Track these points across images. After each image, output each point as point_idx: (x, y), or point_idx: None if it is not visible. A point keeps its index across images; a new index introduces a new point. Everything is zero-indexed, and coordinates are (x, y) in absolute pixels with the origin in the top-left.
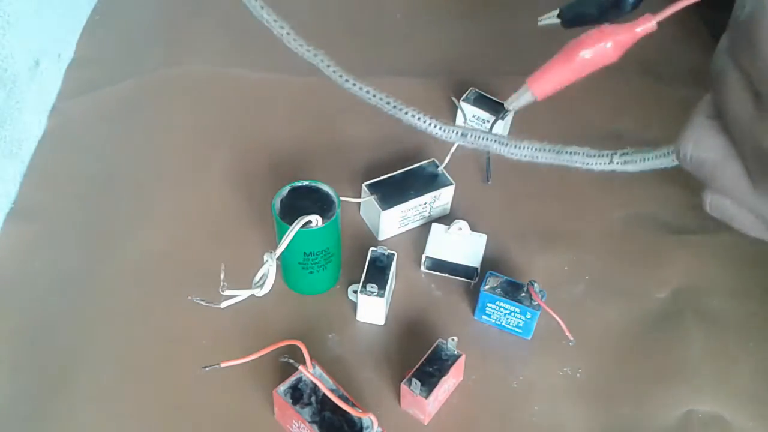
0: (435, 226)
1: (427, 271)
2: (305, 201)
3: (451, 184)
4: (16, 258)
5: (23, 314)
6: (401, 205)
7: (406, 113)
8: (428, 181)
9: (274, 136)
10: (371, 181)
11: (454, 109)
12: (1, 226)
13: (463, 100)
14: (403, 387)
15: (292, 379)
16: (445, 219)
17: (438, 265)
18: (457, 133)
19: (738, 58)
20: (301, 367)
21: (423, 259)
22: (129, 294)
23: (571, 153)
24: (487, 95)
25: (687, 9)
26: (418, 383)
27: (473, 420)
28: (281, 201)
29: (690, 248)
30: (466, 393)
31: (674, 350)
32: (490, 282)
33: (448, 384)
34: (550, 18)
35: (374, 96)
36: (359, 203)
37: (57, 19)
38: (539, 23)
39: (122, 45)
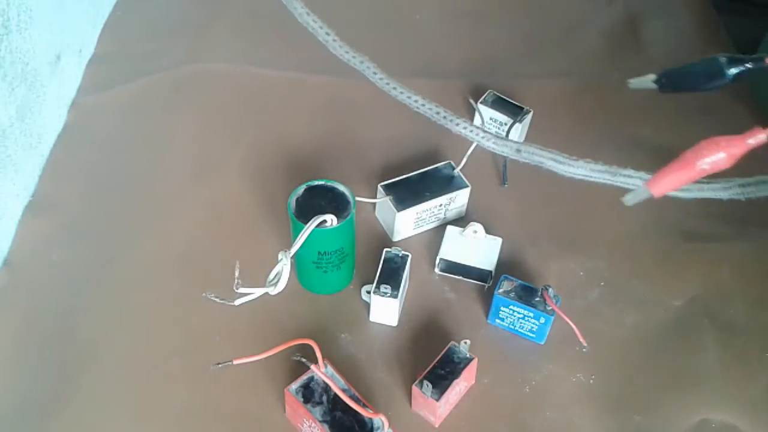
0: (450, 228)
1: (440, 273)
2: (321, 200)
3: (467, 186)
4: (34, 250)
5: (40, 306)
6: (417, 206)
7: (457, 124)
8: (444, 183)
9: (291, 135)
10: (387, 181)
11: (471, 112)
12: (20, 219)
13: (481, 103)
14: (415, 389)
15: (304, 377)
16: (461, 221)
17: (452, 267)
18: (511, 148)
19: None
20: (313, 367)
21: (437, 261)
22: (144, 289)
23: (626, 176)
24: (505, 98)
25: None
26: (430, 385)
27: (484, 424)
28: (297, 200)
29: (707, 256)
30: (478, 396)
31: (689, 358)
32: (504, 286)
33: (459, 387)
34: (645, 81)
35: (423, 105)
36: (374, 204)
37: (79, 14)
38: (630, 85)
39: (143, 42)
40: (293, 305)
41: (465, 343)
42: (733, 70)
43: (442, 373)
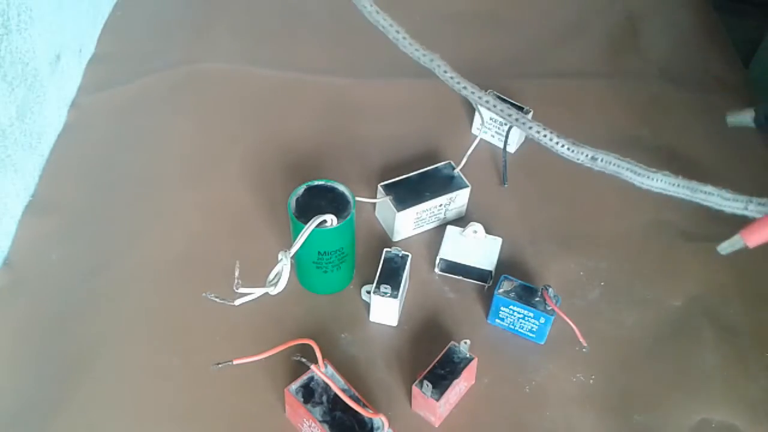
0: (450, 228)
1: (441, 273)
2: (321, 200)
3: (467, 186)
4: (33, 250)
5: (40, 307)
6: (416, 206)
7: (530, 128)
8: (444, 183)
9: (291, 134)
10: (387, 181)
11: (471, 112)
12: (20, 219)
13: None
14: (415, 389)
15: (304, 377)
16: (461, 221)
17: (452, 267)
18: (587, 155)
19: None
20: (312, 367)
21: (437, 261)
22: (144, 288)
23: (706, 193)
24: (505, 98)
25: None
26: (430, 385)
27: (484, 424)
28: (297, 200)
29: (707, 257)
30: (478, 396)
31: (689, 358)
32: (504, 286)
33: (459, 387)
34: (743, 117)
35: (494, 106)
36: (374, 204)
37: (79, 14)
38: (729, 121)
39: (142, 42)
40: (293, 305)
41: (465, 343)
42: None
43: (442, 373)
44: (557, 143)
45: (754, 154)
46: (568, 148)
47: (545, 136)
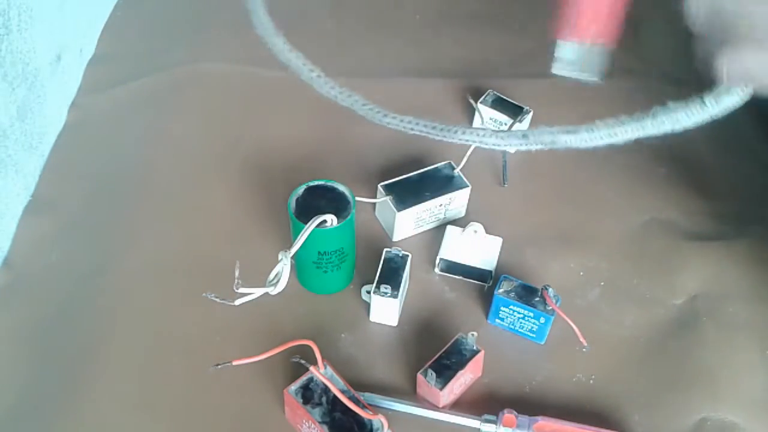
0: (450, 228)
1: (441, 273)
2: (321, 200)
3: (467, 186)
4: (33, 251)
5: (40, 307)
6: (416, 206)
7: (456, 132)
8: (444, 183)
9: (291, 134)
10: (387, 181)
11: (471, 111)
12: (20, 219)
13: (481, 102)
14: (420, 377)
15: (304, 378)
16: (461, 221)
17: (452, 267)
18: (517, 136)
19: None
20: (312, 368)
21: (437, 261)
22: (144, 289)
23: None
24: (505, 98)
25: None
26: (434, 374)
27: None
28: (297, 200)
29: (708, 255)
30: (478, 396)
31: (689, 358)
32: (504, 285)
33: (465, 378)
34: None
35: (417, 124)
36: (374, 204)
37: (79, 14)
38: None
39: (143, 42)
40: (293, 305)
41: (472, 335)
42: None
43: (448, 363)
44: (483, 136)
45: (754, 153)
46: (498, 137)
47: (472, 134)
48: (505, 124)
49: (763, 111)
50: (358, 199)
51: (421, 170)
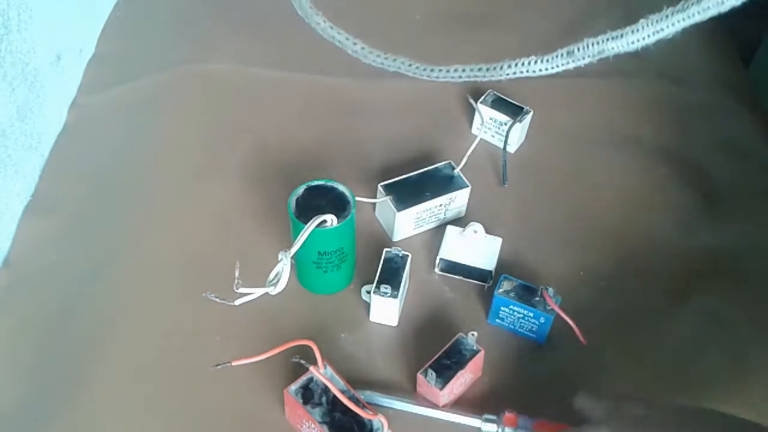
0: (450, 228)
1: (440, 273)
2: (321, 200)
3: (467, 186)
4: (33, 251)
5: (40, 307)
6: (416, 206)
7: (502, 68)
8: (444, 183)
9: (291, 134)
10: (387, 181)
11: (471, 111)
12: (20, 219)
13: (481, 102)
14: (420, 377)
15: (304, 378)
16: (461, 221)
17: (452, 267)
18: (563, 56)
19: None
20: (311, 368)
21: (437, 261)
22: (144, 289)
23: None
24: (504, 98)
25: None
26: (434, 374)
27: None
28: (297, 200)
29: (707, 256)
30: (478, 396)
31: (689, 358)
32: (504, 285)
33: (465, 378)
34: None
35: (464, 71)
36: (374, 204)
37: (79, 14)
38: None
39: (142, 42)
40: (293, 305)
41: (472, 335)
42: None
43: (448, 363)
44: (530, 62)
45: (754, 154)
46: (547, 62)
47: (520, 65)
48: (505, 124)
49: (763, 111)
50: (358, 199)
51: (421, 170)
